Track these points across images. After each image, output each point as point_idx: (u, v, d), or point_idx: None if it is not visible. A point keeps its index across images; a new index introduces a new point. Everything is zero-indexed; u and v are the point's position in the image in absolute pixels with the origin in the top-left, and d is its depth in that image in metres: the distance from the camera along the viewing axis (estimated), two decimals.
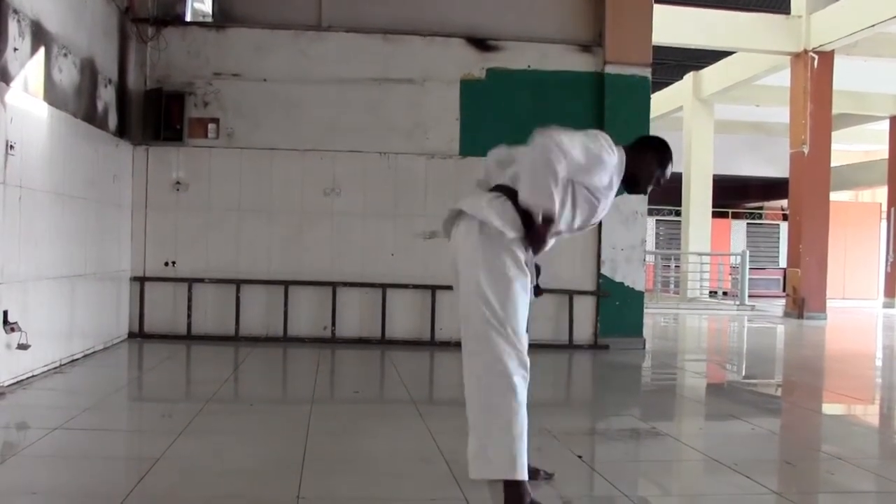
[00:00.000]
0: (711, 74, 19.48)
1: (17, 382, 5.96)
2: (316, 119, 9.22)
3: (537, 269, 3.61)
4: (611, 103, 9.44)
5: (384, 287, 9.20)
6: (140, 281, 8.98)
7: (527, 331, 3.53)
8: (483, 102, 9.07)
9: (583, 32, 9.64)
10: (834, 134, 16.08)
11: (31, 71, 6.20)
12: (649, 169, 3.80)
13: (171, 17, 9.15)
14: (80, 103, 7.30)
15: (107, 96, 8.07)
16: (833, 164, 15.79)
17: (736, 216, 26.47)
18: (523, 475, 3.35)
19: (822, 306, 15.11)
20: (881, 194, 25.19)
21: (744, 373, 9.04)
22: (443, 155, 9.12)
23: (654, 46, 9.82)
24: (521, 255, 3.48)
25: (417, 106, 9.33)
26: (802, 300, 14.97)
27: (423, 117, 9.30)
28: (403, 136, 9.29)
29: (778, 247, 24.40)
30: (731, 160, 23.75)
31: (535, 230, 3.47)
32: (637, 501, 3.85)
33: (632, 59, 9.51)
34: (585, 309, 9.44)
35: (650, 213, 18.77)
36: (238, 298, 9.07)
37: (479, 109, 9.03)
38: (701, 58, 18.65)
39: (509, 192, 3.55)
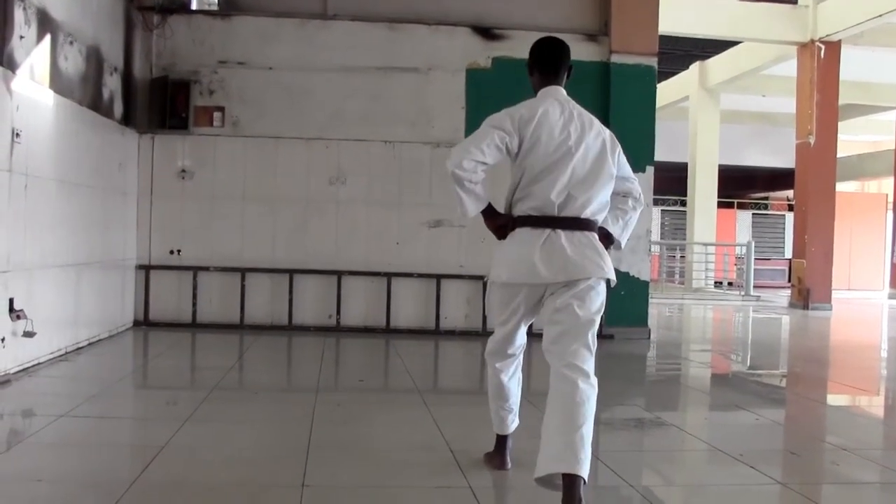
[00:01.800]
0: (718, 64, 19.42)
1: (23, 370, 5.97)
2: (321, 107, 9.21)
3: None
4: (617, 93, 9.42)
5: (389, 276, 9.21)
6: (145, 269, 8.99)
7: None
8: (488, 91, 9.01)
9: (589, 21, 9.62)
10: (840, 124, 16.01)
11: (36, 59, 6.19)
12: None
13: (177, 5, 9.15)
14: (85, 91, 7.30)
15: (112, 84, 8.07)
16: (839, 154, 15.75)
17: (741, 206, 26.41)
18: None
19: (827, 297, 15.08)
20: (887, 185, 25.12)
21: (748, 363, 9.04)
22: (448, 144, 9.07)
23: (660, 36, 9.81)
24: None
25: (423, 95, 9.32)
26: (808, 291, 14.94)
27: (429, 106, 9.29)
28: (408, 124, 9.28)
29: (783, 237, 24.35)
30: (736, 150, 23.66)
31: None
32: (641, 491, 3.85)
33: (638, 48, 9.49)
34: None
35: (655, 203, 18.73)
36: (243, 287, 9.08)
37: (485, 98, 8.97)
38: (707, 47, 18.59)
39: (595, 228, 3.79)
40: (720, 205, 21.68)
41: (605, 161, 3.71)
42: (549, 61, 3.93)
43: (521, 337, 3.89)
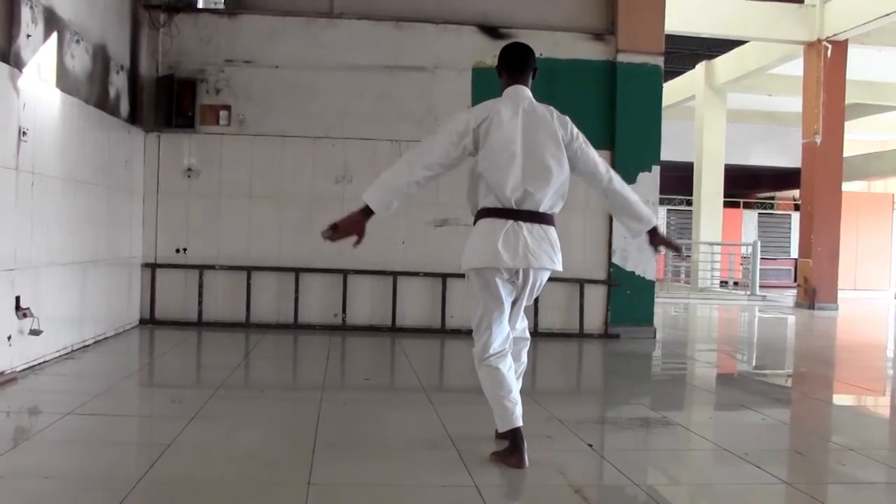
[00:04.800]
0: (724, 63, 19.40)
1: (30, 368, 5.99)
2: (327, 106, 9.22)
3: None
4: (623, 92, 9.42)
5: (395, 274, 9.21)
6: (151, 267, 9.01)
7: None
8: (495, 90, 8.89)
9: (595, 21, 9.61)
10: (847, 124, 15.99)
11: (43, 57, 6.20)
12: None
13: (183, 3, 9.15)
14: (92, 90, 7.31)
15: (119, 83, 8.08)
16: (846, 154, 15.72)
17: (747, 206, 26.39)
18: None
19: (833, 297, 15.05)
20: (894, 185, 25.08)
21: (754, 363, 9.02)
22: None
23: (666, 35, 9.78)
24: None
25: (429, 93, 9.32)
26: (814, 290, 14.92)
27: (435, 105, 9.28)
28: (415, 123, 9.27)
29: (789, 237, 24.34)
30: (743, 150, 23.65)
31: None
32: (647, 490, 3.85)
33: (644, 47, 9.48)
34: (596, 298, 9.44)
35: (661, 202, 18.73)
36: (249, 285, 9.09)
37: (491, 97, 8.95)
38: (713, 46, 18.57)
39: (552, 221, 4.09)
40: (726, 204, 21.65)
41: (560, 156, 4.03)
42: (515, 64, 4.29)
43: (507, 326, 4.12)
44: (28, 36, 5.90)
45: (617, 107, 9.39)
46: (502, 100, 4.19)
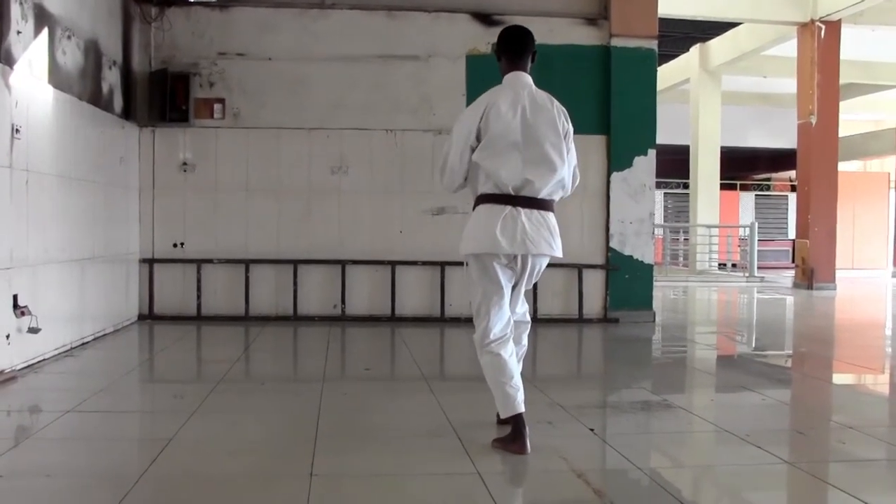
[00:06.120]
0: (718, 46, 19.36)
1: (29, 366, 5.99)
2: (322, 97, 9.20)
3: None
4: (617, 76, 9.40)
5: (393, 264, 9.21)
6: (149, 263, 9.00)
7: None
8: (489, 78, 8.81)
9: (588, 6, 9.57)
10: (842, 104, 15.96)
11: (34, 54, 6.18)
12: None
13: None
14: (84, 85, 7.29)
15: (111, 78, 8.06)
16: (841, 134, 15.71)
17: (744, 188, 26.38)
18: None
19: (831, 277, 15.06)
20: (890, 164, 25.08)
21: (754, 344, 9.03)
22: (449, 131, 9.02)
23: (660, 18, 9.76)
24: None
25: (423, 82, 9.30)
26: (811, 271, 14.93)
27: (429, 93, 9.27)
28: (410, 112, 9.27)
29: (786, 218, 24.35)
30: (738, 132, 23.62)
31: None
32: (649, 473, 3.85)
33: (638, 31, 9.46)
34: (595, 283, 9.44)
35: (658, 186, 18.75)
36: (247, 278, 9.09)
37: (486, 85, 8.82)
38: (707, 29, 18.53)
39: (551, 207, 4.12)
40: (723, 187, 21.65)
41: (560, 145, 4.08)
42: (513, 48, 4.29)
43: (508, 311, 4.14)
44: (18, 32, 5.88)
45: (612, 91, 9.37)
46: (501, 88, 4.19)
